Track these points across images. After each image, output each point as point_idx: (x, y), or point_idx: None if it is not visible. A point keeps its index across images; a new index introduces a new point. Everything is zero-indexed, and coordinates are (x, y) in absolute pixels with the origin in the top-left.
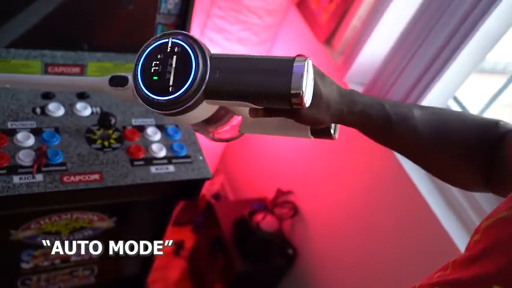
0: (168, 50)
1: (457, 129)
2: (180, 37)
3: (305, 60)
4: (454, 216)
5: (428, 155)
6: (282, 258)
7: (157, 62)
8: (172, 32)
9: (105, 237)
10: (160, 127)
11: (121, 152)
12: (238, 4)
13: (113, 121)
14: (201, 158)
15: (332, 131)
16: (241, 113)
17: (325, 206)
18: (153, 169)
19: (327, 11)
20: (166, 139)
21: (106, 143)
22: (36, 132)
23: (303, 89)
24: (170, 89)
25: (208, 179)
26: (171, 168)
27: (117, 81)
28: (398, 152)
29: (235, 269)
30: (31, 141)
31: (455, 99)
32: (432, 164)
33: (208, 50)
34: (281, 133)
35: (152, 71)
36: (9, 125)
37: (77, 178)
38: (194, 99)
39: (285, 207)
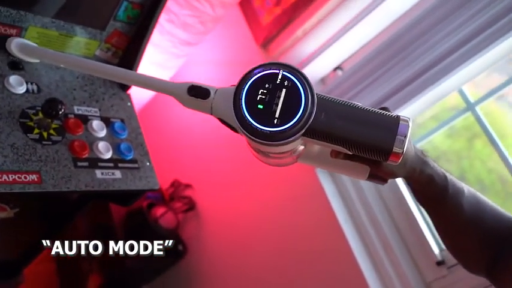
0: (278, 82)
1: (484, 219)
2: (291, 71)
3: (409, 121)
4: (364, 247)
5: (458, 232)
6: (171, 255)
7: (265, 91)
8: (281, 63)
9: None
10: (106, 121)
11: (62, 148)
12: None
13: (61, 110)
14: (148, 164)
15: (387, 181)
16: (311, 146)
17: (228, 210)
18: (98, 173)
19: (271, 14)
20: (113, 137)
21: (45, 134)
22: None
23: (405, 149)
24: (275, 121)
25: (154, 190)
26: (118, 174)
27: (198, 92)
28: (434, 219)
29: (122, 262)
30: None
31: None
32: (456, 242)
33: None
34: (337, 171)
35: (258, 98)
36: None
37: (11, 178)
38: (296, 136)
39: (181, 201)
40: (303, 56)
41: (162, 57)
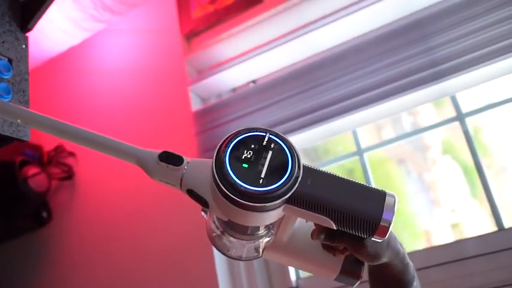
0: (264, 144)
1: None
2: (277, 135)
3: (395, 196)
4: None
5: None
6: (32, 219)
7: (251, 152)
8: (268, 129)
9: None
10: None
11: None
12: None
13: None
14: None
15: (360, 277)
16: (283, 232)
17: (107, 188)
18: None
19: (203, 9)
20: None
21: None
22: None
23: (392, 223)
24: (261, 181)
25: (22, 141)
26: None
27: (171, 158)
28: None
29: None
30: None
31: None
32: None
33: None
34: (307, 264)
35: (243, 157)
36: None
37: None
38: (282, 199)
39: (60, 167)
40: (223, 59)
41: (79, 15)
